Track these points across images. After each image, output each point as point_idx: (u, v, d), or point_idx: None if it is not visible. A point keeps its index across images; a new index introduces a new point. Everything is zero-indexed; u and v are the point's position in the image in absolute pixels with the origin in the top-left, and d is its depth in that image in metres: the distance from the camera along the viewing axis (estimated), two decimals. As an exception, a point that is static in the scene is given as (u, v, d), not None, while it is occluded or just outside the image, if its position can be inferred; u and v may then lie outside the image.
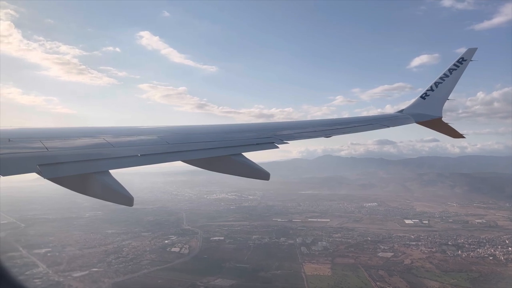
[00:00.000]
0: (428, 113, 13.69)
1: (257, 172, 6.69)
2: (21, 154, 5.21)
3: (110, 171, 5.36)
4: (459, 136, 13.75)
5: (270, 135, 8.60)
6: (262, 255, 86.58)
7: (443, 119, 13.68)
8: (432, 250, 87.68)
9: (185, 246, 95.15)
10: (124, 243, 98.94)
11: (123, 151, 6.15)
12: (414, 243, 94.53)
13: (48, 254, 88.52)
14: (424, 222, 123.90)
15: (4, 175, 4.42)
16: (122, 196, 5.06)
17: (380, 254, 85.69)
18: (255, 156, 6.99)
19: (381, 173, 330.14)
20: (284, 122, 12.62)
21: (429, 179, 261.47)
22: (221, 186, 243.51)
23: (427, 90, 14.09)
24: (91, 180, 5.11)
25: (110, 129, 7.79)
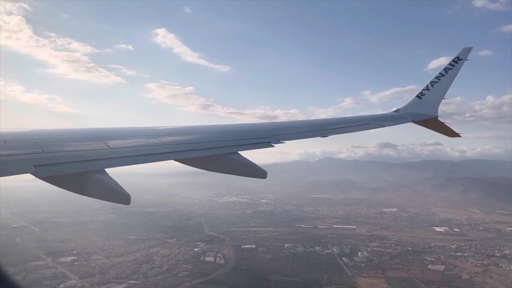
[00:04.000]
0: (424, 112, 13.74)
1: (254, 171, 6.76)
2: (17, 155, 5.24)
3: (107, 171, 5.35)
4: (455, 135, 13.81)
5: (267, 135, 8.61)
6: (305, 266, 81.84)
7: (439, 118, 13.76)
8: (484, 262, 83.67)
9: (218, 255, 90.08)
10: (151, 251, 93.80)
11: (119, 151, 6.24)
12: (459, 254, 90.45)
13: (76, 263, 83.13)
14: (455, 230, 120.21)
15: None
16: (119, 195, 5.07)
17: (430, 266, 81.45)
18: (253, 158, 6.97)
19: (386, 176, 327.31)
20: (281, 122, 13.06)
21: (438, 183, 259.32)
22: (228, 189, 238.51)
23: (423, 90, 14.10)
24: (87, 179, 5.12)
25: (106, 130, 7.69)
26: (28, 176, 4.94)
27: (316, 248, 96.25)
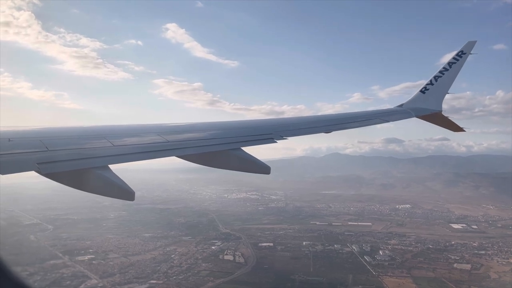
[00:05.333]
0: (428, 107, 13.64)
1: (257, 166, 6.83)
2: (21, 153, 5.25)
3: (112, 168, 5.39)
4: (460, 129, 13.73)
5: (270, 131, 8.55)
6: (327, 265, 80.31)
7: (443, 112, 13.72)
8: (510, 261, 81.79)
9: (236, 253, 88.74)
10: (168, 249, 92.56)
11: (122, 147, 6.29)
12: (482, 252, 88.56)
13: (94, 262, 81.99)
14: (473, 227, 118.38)
15: (3, 173, 4.48)
16: (123, 191, 5.12)
17: (456, 265, 79.63)
18: (258, 154, 7.01)
19: (394, 172, 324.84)
20: (284, 118, 13.70)
21: (448, 179, 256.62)
22: (237, 185, 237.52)
23: (427, 84, 13.99)
24: (91, 176, 5.14)
25: (110, 127, 7.76)
26: (34, 173, 4.95)
27: (335, 246, 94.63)
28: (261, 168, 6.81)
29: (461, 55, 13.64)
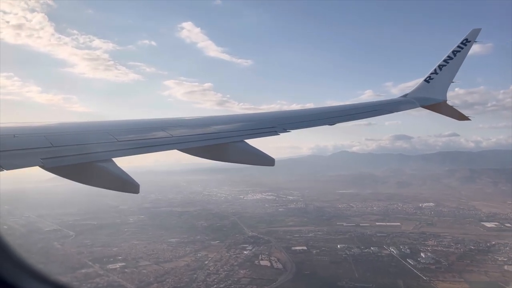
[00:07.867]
0: (432, 97, 13.44)
1: (261, 159, 6.75)
2: (25, 148, 5.22)
3: (117, 163, 5.31)
4: (465, 118, 13.55)
5: (273, 124, 8.51)
6: (372, 270, 76.69)
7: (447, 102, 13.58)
8: (562, 262, 78.55)
9: (272, 258, 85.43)
10: (199, 255, 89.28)
11: (126, 142, 6.20)
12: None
13: (126, 270, 78.89)
14: (507, 225, 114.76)
15: (8, 169, 4.45)
16: (127, 184, 5.08)
17: (506, 267, 76.22)
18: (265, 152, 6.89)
19: (406, 169, 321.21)
20: (287, 110, 14.23)
21: (463, 175, 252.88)
22: (249, 185, 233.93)
23: (431, 73, 13.83)
24: (95, 169, 5.11)
25: (114, 122, 7.69)
26: (44, 177, 5.35)
27: (372, 248, 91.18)
28: (265, 160, 6.74)
29: (465, 43, 13.25)
